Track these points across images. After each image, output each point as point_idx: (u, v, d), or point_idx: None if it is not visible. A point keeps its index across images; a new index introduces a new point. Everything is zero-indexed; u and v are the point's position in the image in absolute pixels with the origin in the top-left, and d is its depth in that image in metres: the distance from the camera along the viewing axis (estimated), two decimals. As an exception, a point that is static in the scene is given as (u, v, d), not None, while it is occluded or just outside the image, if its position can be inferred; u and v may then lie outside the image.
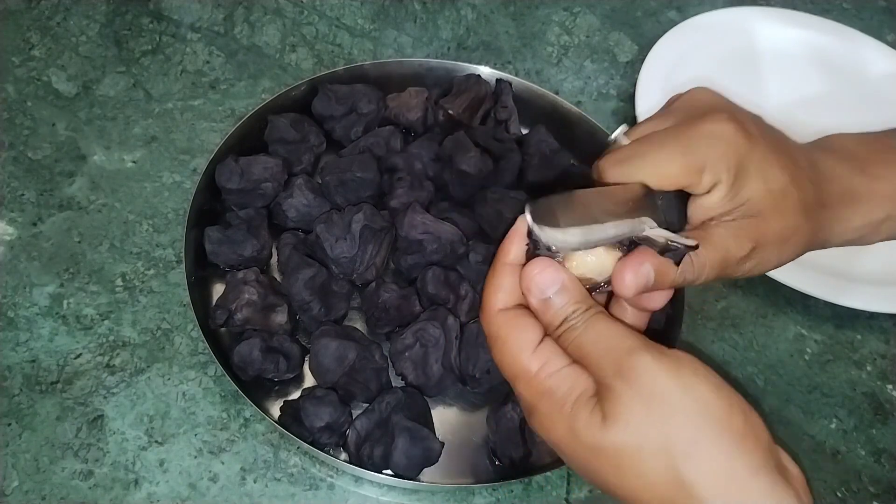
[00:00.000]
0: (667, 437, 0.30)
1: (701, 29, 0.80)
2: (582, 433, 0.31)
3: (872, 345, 0.64)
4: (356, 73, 0.68)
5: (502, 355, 0.34)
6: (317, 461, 0.54)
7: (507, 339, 0.34)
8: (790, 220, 0.38)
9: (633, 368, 0.31)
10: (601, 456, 0.31)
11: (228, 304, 0.55)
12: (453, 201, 0.63)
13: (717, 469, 0.29)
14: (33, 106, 0.70)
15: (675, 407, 0.30)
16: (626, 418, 0.30)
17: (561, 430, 0.32)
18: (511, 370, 0.34)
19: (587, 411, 0.31)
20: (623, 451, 0.30)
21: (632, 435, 0.30)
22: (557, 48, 0.82)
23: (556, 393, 0.32)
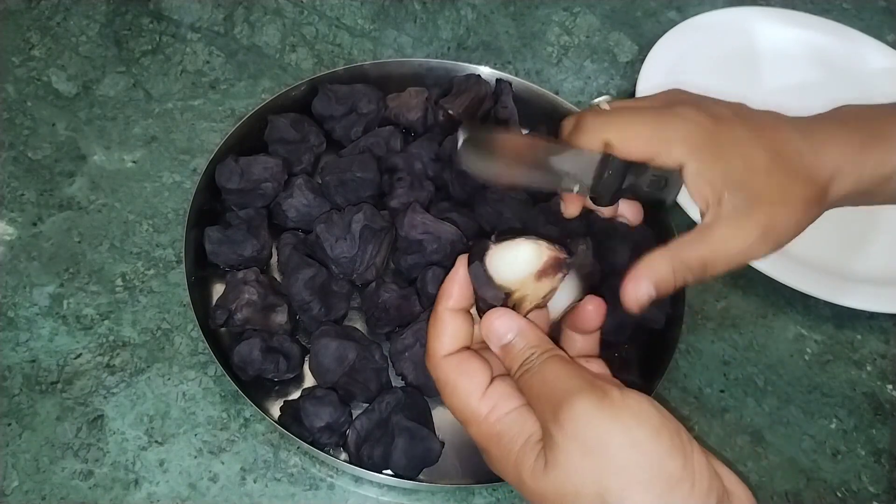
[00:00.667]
0: (601, 484, 0.30)
1: (701, 29, 0.80)
2: (527, 479, 0.32)
3: (872, 345, 0.64)
4: (356, 73, 0.68)
5: (452, 399, 0.35)
6: (317, 461, 0.54)
7: (457, 385, 0.35)
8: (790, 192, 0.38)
9: (571, 414, 0.31)
10: (546, 501, 0.32)
11: (228, 304, 0.55)
12: (453, 201, 0.63)
13: None
14: (33, 106, 0.70)
15: (609, 454, 0.30)
16: (563, 465, 0.31)
17: (511, 473, 0.33)
18: (462, 414, 0.35)
19: (532, 457, 0.32)
20: (563, 498, 0.31)
21: (569, 482, 0.30)
22: (557, 48, 0.82)
23: (504, 437, 0.33)
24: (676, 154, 0.38)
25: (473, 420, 0.34)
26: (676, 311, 0.58)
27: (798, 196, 0.39)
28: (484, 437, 0.34)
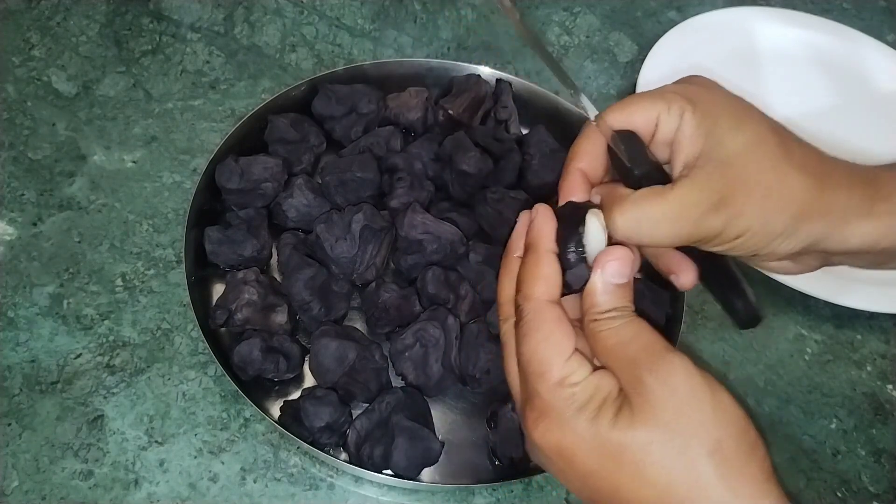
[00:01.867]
0: (695, 435, 0.30)
1: (701, 29, 0.80)
2: (608, 431, 0.31)
3: (872, 345, 0.64)
4: (356, 73, 0.68)
5: (537, 349, 0.34)
6: (317, 461, 0.54)
7: (549, 337, 0.34)
8: (770, 166, 0.35)
9: (672, 367, 0.31)
10: (625, 452, 0.31)
11: (228, 304, 0.55)
12: (453, 201, 0.63)
13: (737, 471, 0.30)
14: (33, 106, 0.70)
15: (705, 408, 0.31)
16: (657, 413, 0.31)
17: (581, 431, 0.32)
18: (538, 367, 0.34)
19: (612, 411, 0.32)
20: (650, 445, 0.31)
21: (662, 429, 0.30)
22: (557, 48, 0.82)
23: (580, 398, 0.33)
24: (676, 108, 0.36)
25: (548, 379, 0.33)
26: (676, 311, 0.58)
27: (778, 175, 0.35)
28: (553, 397, 0.33)
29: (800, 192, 0.35)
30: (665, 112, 0.36)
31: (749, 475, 0.30)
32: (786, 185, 0.35)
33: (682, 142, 0.36)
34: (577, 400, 0.33)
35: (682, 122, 0.36)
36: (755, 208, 0.35)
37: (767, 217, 0.35)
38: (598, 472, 0.32)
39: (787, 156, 0.35)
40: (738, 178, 0.35)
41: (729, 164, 0.35)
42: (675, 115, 0.36)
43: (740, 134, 0.35)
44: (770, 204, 0.35)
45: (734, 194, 0.35)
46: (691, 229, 0.35)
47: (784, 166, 0.35)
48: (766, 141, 0.35)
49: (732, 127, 0.35)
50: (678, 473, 0.30)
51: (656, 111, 0.37)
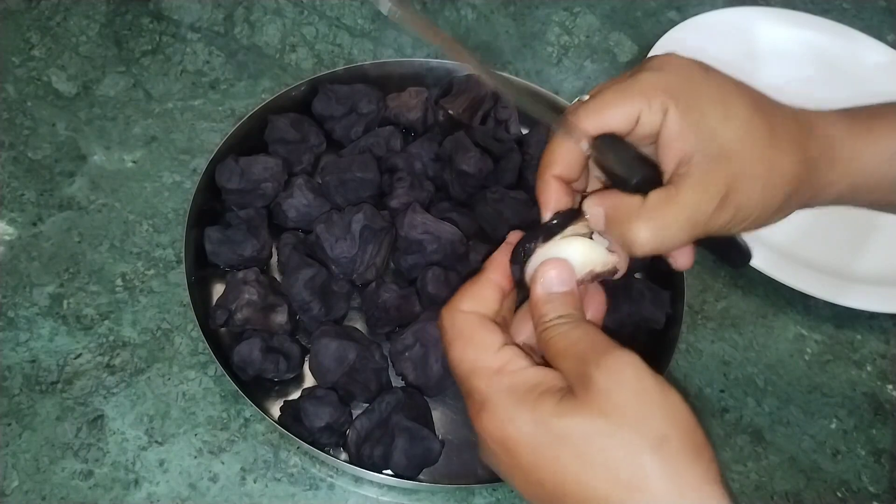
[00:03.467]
0: (640, 428, 0.30)
1: (701, 29, 0.80)
2: (549, 420, 0.31)
3: (872, 345, 0.64)
4: (356, 73, 0.68)
5: (464, 350, 0.35)
6: (317, 461, 0.54)
7: (473, 336, 0.35)
8: (762, 154, 0.35)
9: (620, 363, 0.31)
10: (566, 442, 0.31)
11: (228, 304, 0.55)
12: (453, 201, 0.63)
13: (680, 469, 0.30)
14: (33, 106, 0.70)
15: (653, 404, 0.30)
16: (602, 404, 0.30)
17: (522, 421, 0.32)
18: (471, 364, 0.34)
19: (556, 399, 0.31)
20: (593, 435, 0.30)
21: (606, 420, 0.30)
22: (557, 48, 0.82)
23: (521, 387, 0.33)
24: (658, 103, 0.35)
25: (483, 371, 0.34)
26: (676, 311, 0.58)
27: (775, 162, 0.36)
28: (493, 388, 0.33)
29: (790, 173, 0.36)
30: (646, 109, 0.35)
31: (694, 474, 0.30)
32: (778, 170, 0.36)
33: (670, 139, 0.35)
34: (518, 388, 0.32)
35: (667, 118, 0.35)
36: (756, 197, 0.35)
37: (767, 201, 0.36)
38: (540, 463, 0.31)
39: (775, 138, 0.36)
40: (737, 171, 0.35)
41: (726, 157, 0.35)
42: (657, 111, 0.35)
43: (730, 124, 0.35)
44: (768, 191, 0.36)
45: (736, 188, 0.35)
46: (703, 229, 0.35)
47: (775, 152, 0.36)
48: (756, 127, 0.36)
49: (721, 117, 0.35)
50: (621, 466, 0.30)
51: (636, 109, 0.35)
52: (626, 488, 0.30)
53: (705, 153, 0.35)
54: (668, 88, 0.35)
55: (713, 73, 0.37)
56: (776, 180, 0.36)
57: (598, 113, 0.36)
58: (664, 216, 0.34)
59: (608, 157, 0.36)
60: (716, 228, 0.35)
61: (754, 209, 0.36)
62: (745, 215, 0.36)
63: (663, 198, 0.35)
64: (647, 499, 0.29)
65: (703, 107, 0.35)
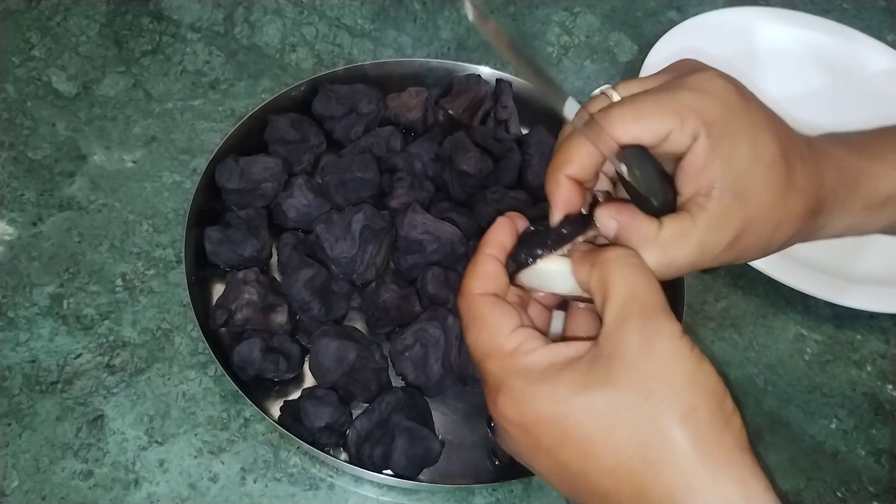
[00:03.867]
0: (670, 398, 0.29)
1: (701, 29, 0.80)
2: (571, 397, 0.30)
3: (872, 345, 0.64)
4: (356, 73, 0.68)
5: (479, 334, 0.34)
6: (317, 461, 0.54)
7: (487, 319, 0.34)
8: (779, 199, 0.36)
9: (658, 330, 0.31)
10: (591, 417, 0.30)
11: (228, 304, 0.55)
12: (453, 201, 0.63)
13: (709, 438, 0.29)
14: (33, 106, 0.70)
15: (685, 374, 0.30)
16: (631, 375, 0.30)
17: (541, 400, 0.31)
18: (486, 347, 0.34)
19: (576, 375, 0.31)
20: (619, 408, 0.30)
21: (635, 391, 0.30)
22: (557, 48, 0.82)
23: (537, 366, 0.32)
24: (690, 128, 0.34)
25: (497, 353, 0.33)
26: (676, 312, 0.58)
27: (790, 207, 0.36)
28: (507, 371, 0.33)
29: (799, 218, 0.37)
30: (678, 130, 0.34)
31: (723, 444, 0.29)
32: (790, 216, 0.36)
33: (695, 166, 0.35)
34: (534, 368, 0.32)
35: (696, 144, 0.35)
36: (765, 238, 0.36)
37: (773, 243, 0.37)
38: (564, 441, 0.31)
39: (792, 181, 0.36)
40: (753, 214, 0.35)
41: (745, 198, 0.35)
42: (688, 135, 0.35)
43: (757, 165, 0.35)
44: (778, 233, 0.37)
45: (749, 230, 0.35)
46: (707, 263, 0.36)
47: (791, 195, 0.36)
48: (779, 170, 0.35)
49: (751, 156, 0.35)
50: (649, 438, 0.29)
51: (668, 127, 0.34)
52: (655, 461, 0.29)
53: (726, 189, 0.35)
54: (704, 114, 0.34)
55: (750, 103, 0.36)
56: (787, 224, 0.37)
57: (634, 122, 0.35)
58: (676, 250, 0.34)
59: (633, 170, 0.35)
60: (717, 263, 0.36)
61: (760, 250, 0.37)
62: (749, 255, 0.37)
63: (678, 232, 0.34)
64: (675, 471, 0.29)
65: (735, 141, 0.35)
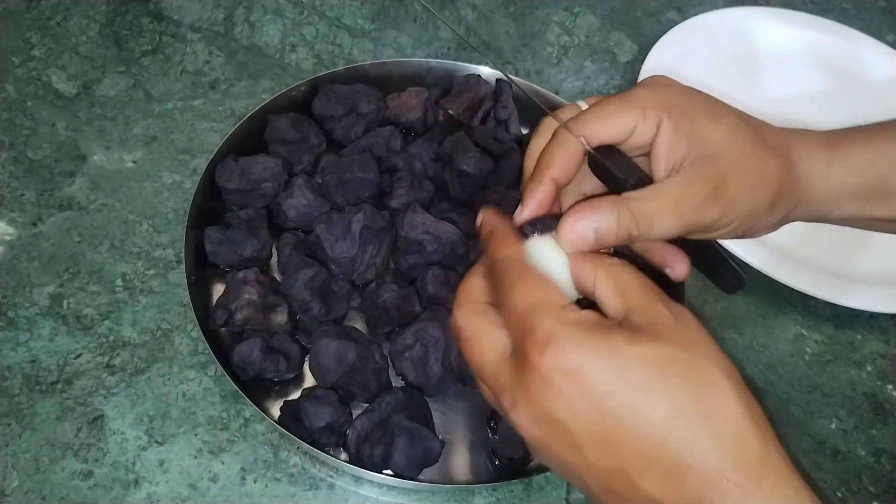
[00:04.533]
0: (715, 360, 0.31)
1: (701, 29, 0.80)
2: (624, 346, 0.30)
3: (872, 345, 0.64)
4: (356, 73, 0.68)
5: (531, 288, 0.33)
6: (317, 461, 0.54)
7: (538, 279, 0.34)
8: (752, 153, 0.38)
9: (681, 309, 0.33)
10: (645, 366, 0.30)
11: (228, 304, 0.55)
12: (453, 201, 0.63)
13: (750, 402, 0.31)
14: (33, 106, 0.70)
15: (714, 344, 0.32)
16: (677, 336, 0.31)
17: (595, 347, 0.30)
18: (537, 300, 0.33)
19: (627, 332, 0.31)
20: (672, 360, 0.30)
21: (685, 349, 0.31)
22: (557, 48, 0.82)
23: (589, 320, 0.32)
24: (652, 116, 0.37)
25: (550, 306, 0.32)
26: (676, 311, 0.58)
27: (761, 161, 0.38)
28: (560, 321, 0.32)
29: (777, 172, 0.38)
30: (641, 122, 0.38)
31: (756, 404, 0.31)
32: (768, 169, 0.38)
33: (662, 149, 0.38)
34: (587, 321, 0.32)
35: (660, 130, 0.37)
36: (747, 192, 0.37)
37: (758, 198, 0.38)
38: (616, 388, 0.30)
39: (762, 141, 0.38)
40: (728, 168, 0.37)
41: (716, 157, 0.37)
42: (652, 124, 0.38)
43: (719, 128, 0.37)
44: (759, 187, 0.38)
45: (727, 183, 0.37)
46: (690, 220, 0.36)
47: (762, 152, 0.38)
48: (742, 130, 0.38)
49: (710, 123, 0.37)
50: (700, 390, 0.30)
51: (632, 122, 0.38)
52: (706, 412, 0.29)
53: (695, 156, 0.37)
54: (662, 102, 0.38)
55: (701, 92, 0.39)
56: (766, 177, 0.38)
57: (600, 122, 0.38)
58: (647, 202, 0.36)
59: (605, 164, 0.38)
60: (707, 222, 0.37)
61: (746, 204, 0.37)
62: (736, 212, 0.37)
63: (650, 188, 0.36)
64: (723, 421, 0.30)
65: (693, 117, 0.37)
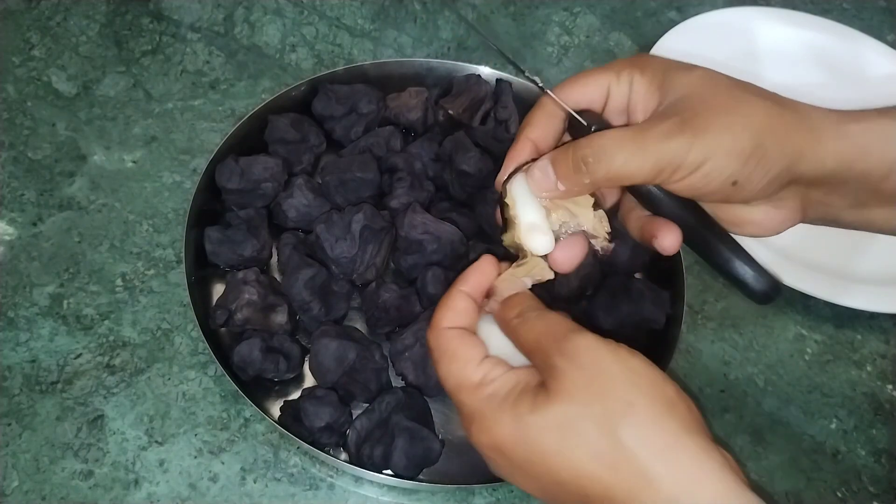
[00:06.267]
0: (606, 403, 0.31)
1: (701, 29, 0.80)
2: (527, 416, 0.33)
3: (872, 345, 0.64)
4: (356, 73, 0.68)
5: (449, 367, 0.37)
6: (317, 461, 0.54)
7: (456, 352, 0.37)
8: (726, 92, 0.35)
9: (575, 346, 0.33)
10: (546, 433, 0.32)
11: (228, 304, 0.55)
12: (453, 201, 0.63)
13: (653, 429, 0.31)
14: (33, 106, 0.70)
15: (613, 376, 0.32)
16: (568, 390, 0.32)
17: (505, 423, 0.33)
18: (457, 380, 0.36)
19: (531, 396, 0.33)
20: (567, 421, 0.32)
21: (575, 403, 0.32)
22: (557, 48, 0.82)
23: (500, 393, 0.34)
24: (625, 74, 0.38)
25: (468, 385, 0.36)
26: (676, 311, 0.58)
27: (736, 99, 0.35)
28: (477, 400, 0.35)
29: (760, 110, 0.35)
30: (615, 81, 0.38)
31: (666, 431, 0.31)
32: (744, 105, 0.35)
33: (636, 102, 0.38)
34: (497, 395, 0.34)
35: (633, 85, 0.38)
36: (719, 125, 0.34)
37: (734, 134, 0.34)
38: (531, 458, 0.33)
39: (741, 86, 0.37)
40: (697, 102, 0.35)
41: (685, 96, 0.36)
42: (625, 82, 0.38)
43: (691, 75, 0.37)
44: (733, 120, 0.34)
45: (696, 115, 0.35)
46: (657, 152, 0.34)
47: (739, 92, 0.36)
48: (716, 77, 0.37)
49: (682, 72, 0.37)
50: (599, 441, 0.31)
51: (606, 81, 0.39)
52: (611, 462, 0.31)
53: (667, 103, 0.37)
54: (635, 63, 0.39)
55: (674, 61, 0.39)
56: (744, 114, 0.35)
57: (576, 85, 0.39)
58: (610, 136, 0.36)
59: (571, 114, 0.39)
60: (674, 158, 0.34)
61: (720, 137, 0.34)
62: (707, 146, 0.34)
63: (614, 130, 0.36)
64: (631, 467, 0.30)
65: (666, 70, 0.37)
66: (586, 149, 0.36)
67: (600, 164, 0.35)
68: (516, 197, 0.39)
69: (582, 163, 0.36)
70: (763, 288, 0.38)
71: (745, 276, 0.38)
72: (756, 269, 0.38)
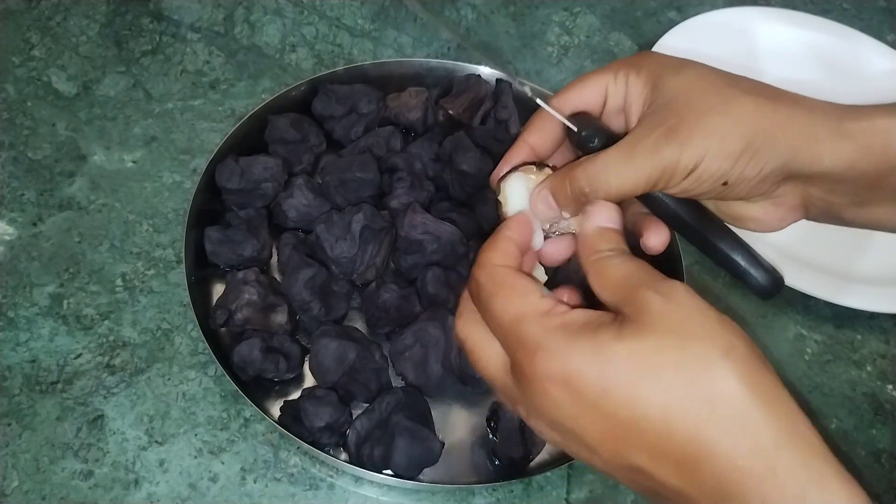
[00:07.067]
0: (705, 340, 0.29)
1: (701, 29, 0.80)
2: (611, 343, 0.30)
3: (872, 345, 0.64)
4: (356, 73, 0.68)
5: (509, 298, 0.34)
6: (317, 461, 0.54)
7: (515, 285, 0.34)
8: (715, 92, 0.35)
9: (671, 286, 0.31)
10: (632, 360, 0.29)
11: (228, 304, 0.55)
12: (453, 201, 0.63)
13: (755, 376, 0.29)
14: (33, 106, 0.70)
15: (710, 317, 0.30)
16: (663, 322, 0.30)
17: (582, 350, 0.30)
18: (518, 310, 0.33)
19: (615, 328, 0.31)
20: (659, 349, 0.29)
21: (671, 335, 0.29)
22: (557, 48, 0.82)
23: (575, 321, 0.32)
24: (622, 74, 0.38)
25: (533, 314, 0.32)
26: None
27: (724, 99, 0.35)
28: (544, 329, 0.32)
29: (751, 109, 0.35)
30: (612, 82, 0.38)
31: (767, 379, 0.29)
32: (734, 105, 0.35)
33: (631, 102, 0.38)
34: (573, 323, 0.32)
35: (629, 86, 0.38)
36: (706, 129, 0.34)
37: (723, 136, 0.34)
38: (608, 389, 0.30)
39: (733, 84, 0.36)
40: (684, 107, 0.35)
41: (674, 100, 0.35)
42: (622, 81, 0.38)
43: (679, 76, 0.36)
44: (721, 121, 0.34)
45: (682, 121, 0.34)
46: (648, 165, 0.34)
47: (729, 91, 0.35)
48: (708, 76, 0.36)
49: (672, 73, 0.36)
50: (696, 376, 0.29)
51: (603, 83, 0.38)
52: (705, 398, 0.29)
53: (655, 104, 0.36)
54: (632, 63, 0.38)
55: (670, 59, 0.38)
56: (733, 115, 0.34)
57: (573, 89, 0.40)
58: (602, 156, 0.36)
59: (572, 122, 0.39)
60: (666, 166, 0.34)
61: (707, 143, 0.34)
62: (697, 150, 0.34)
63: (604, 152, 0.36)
64: (725, 406, 0.28)
65: (659, 70, 0.37)
66: (581, 179, 0.36)
67: (598, 191, 0.36)
68: (509, 195, 0.39)
69: (580, 189, 0.36)
70: (764, 282, 0.38)
71: (747, 270, 0.38)
72: (757, 263, 0.38)
